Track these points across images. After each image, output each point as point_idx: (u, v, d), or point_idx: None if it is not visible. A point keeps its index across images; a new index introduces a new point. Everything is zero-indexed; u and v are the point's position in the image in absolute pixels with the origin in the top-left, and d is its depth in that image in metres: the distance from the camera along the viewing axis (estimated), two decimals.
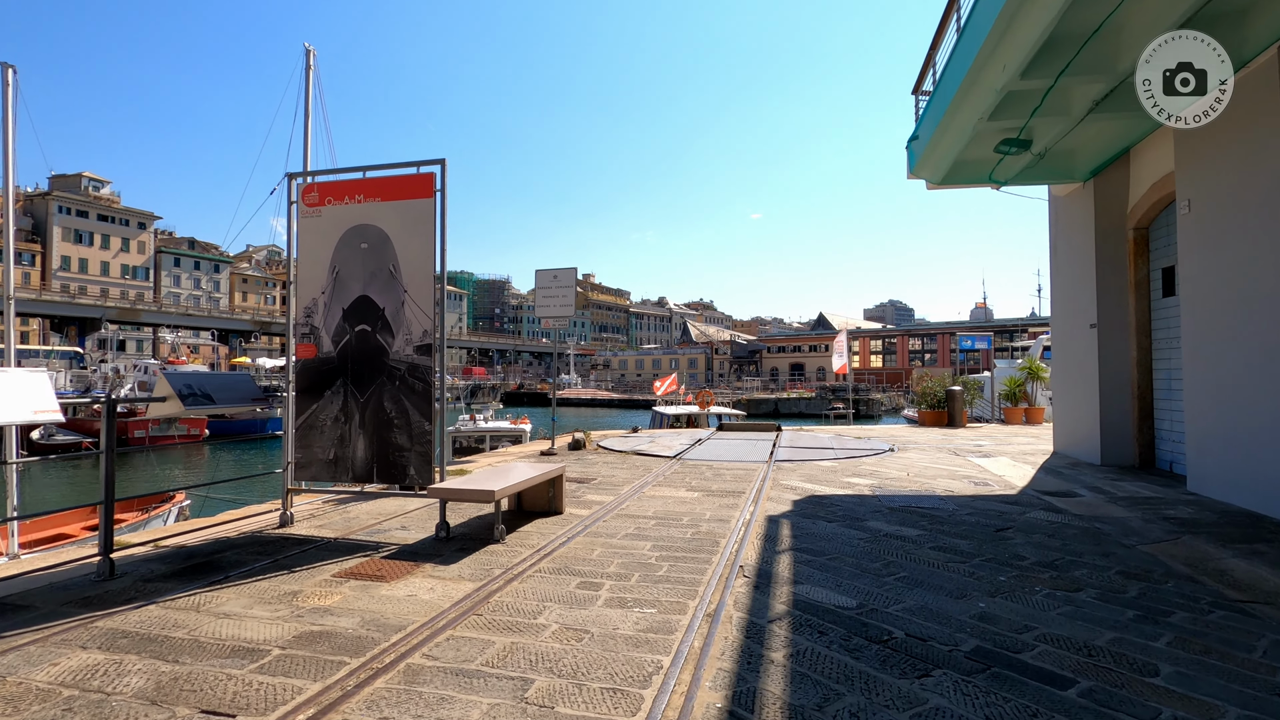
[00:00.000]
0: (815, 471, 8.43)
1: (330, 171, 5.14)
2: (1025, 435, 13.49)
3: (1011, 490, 7.28)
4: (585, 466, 8.74)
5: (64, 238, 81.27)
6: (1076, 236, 9.74)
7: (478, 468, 8.52)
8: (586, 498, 6.51)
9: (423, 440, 4.82)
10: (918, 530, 5.33)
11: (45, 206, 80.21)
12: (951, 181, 9.60)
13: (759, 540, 4.91)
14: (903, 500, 6.62)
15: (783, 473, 8.32)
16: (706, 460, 9.43)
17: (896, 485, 7.47)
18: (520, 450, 10.92)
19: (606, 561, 4.27)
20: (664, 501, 6.34)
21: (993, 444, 11.84)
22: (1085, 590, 3.91)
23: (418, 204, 4.90)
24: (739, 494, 6.80)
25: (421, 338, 4.86)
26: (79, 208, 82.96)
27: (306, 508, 5.85)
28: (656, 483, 7.48)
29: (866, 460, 9.55)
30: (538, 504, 5.72)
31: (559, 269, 11.00)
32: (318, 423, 5.04)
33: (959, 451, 10.70)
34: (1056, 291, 10.57)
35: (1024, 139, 8.22)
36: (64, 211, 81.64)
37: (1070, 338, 10.05)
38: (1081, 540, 5.08)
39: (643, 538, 4.92)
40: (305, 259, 5.13)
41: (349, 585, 3.72)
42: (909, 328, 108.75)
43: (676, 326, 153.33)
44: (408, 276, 4.90)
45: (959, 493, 7.09)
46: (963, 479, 7.96)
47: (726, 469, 8.59)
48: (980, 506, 6.34)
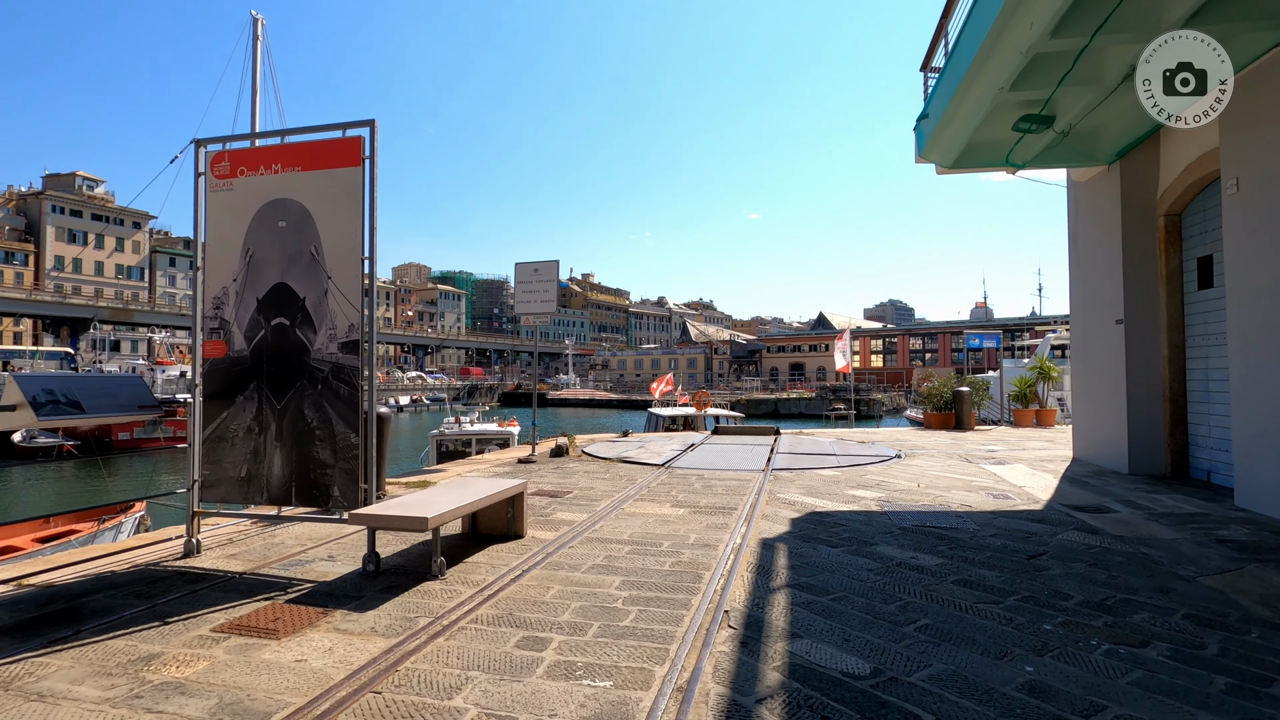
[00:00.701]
0: (816, 482, 7.65)
1: (244, 137, 4.36)
2: (1039, 439, 12.71)
3: (1035, 504, 6.50)
4: (563, 477, 7.96)
5: (58, 237, 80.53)
6: (1100, 225, 8.96)
7: (445, 478, 7.75)
8: (556, 516, 5.73)
9: (348, 455, 4.04)
10: (936, 558, 4.55)
11: (39, 206, 79.48)
12: (964, 164, 8.81)
13: (750, 573, 4.13)
14: (915, 518, 5.84)
15: (780, 484, 7.54)
16: (697, 469, 8.65)
17: (907, 499, 6.69)
18: (496, 458, 10.14)
19: (561, 606, 3.49)
20: (644, 521, 5.56)
21: (1006, 449, 11.06)
22: (1153, 644, 3.13)
23: (343, 174, 4.12)
24: (730, 511, 6.01)
25: (348, 333, 4.08)
26: (73, 207, 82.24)
27: (225, 531, 5.06)
28: (639, 496, 6.70)
29: (872, 469, 8.77)
30: (495, 526, 4.95)
31: (540, 262, 10.22)
32: (228, 434, 4.27)
33: (971, 458, 9.92)
34: (1077, 286, 9.78)
35: (1046, 115, 7.44)
36: (57, 211, 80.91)
37: (1093, 335, 9.27)
38: (1130, 570, 4.30)
39: (612, 570, 4.14)
40: (215, 240, 4.36)
41: (226, 645, 2.94)
42: (909, 327, 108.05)
43: (676, 326, 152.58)
44: (332, 260, 4.13)
45: (977, 508, 6.31)
46: (979, 491, 7.19)
47: (718, 479, 7.80)
48: (1004, 525, 5.56)
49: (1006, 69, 6.16)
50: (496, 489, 4.65)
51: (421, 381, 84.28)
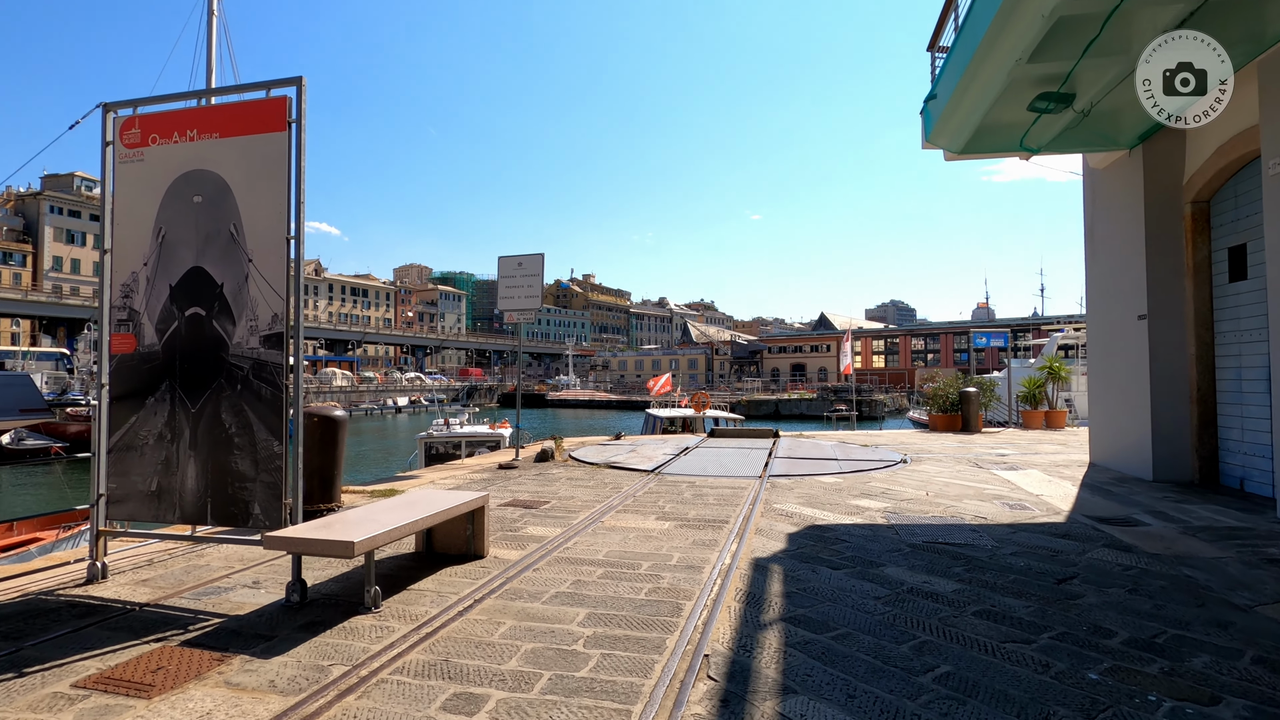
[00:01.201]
0: (816, 491, 7.07)
1: (157, 100, 3.79)
2: (1051, 442, 12.11)
3: (1057, 516, 5.92)
4: (543, 484, 7.39)
5: (56, 238, 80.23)
6: (1119, 214, 8.38)
7: (417, 485, 7.18)
8: (526, 531, 5.16)
9: (271, 466, 3.47)
10: (952, 582, 3.97)
11: (37, 206, 79.16)
12: (975, 149, 8.23)
13: (738, 603, 3.56)
14: (926, 532, 5.26)
15: (777, 492, 6.96)
16: (689, 475, 8.07)
17: (915, 510, 6.11)
18: (478, 462, 9.57)
19: (510, 648, 2.92)
20: (623, 537, 4.98)
21: (1017, 453, 10.47)
22: (1226, 700, 2.55)
23: (266, 140, 3.55)
24: (721, 524, 5.44)
25: (270, 324, 3.52)
26: (71, 207, 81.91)
27: (148, 550, 4.48)
28: (622, 507, 6.12)
29: (876, 475, 8.19)
30: (453, 545, 4.38)
31: (524, 255, 9.66)
32: (137, 441, 3.70)
33: (981, 463, 9.34)
34: (1094, 280, 9.20)
35: (1065, 92, 6.87)
36: (56, 211, 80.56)
37: (1111, 332, 8.69)
38: (1176, 598, 3.73)
39: (578, 600, 3.57)
40: (124, 219, 3.80)
41: (80, 707, 2.37)
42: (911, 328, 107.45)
43: (677, 327, 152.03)
44: (253, 241, 3.56)
45: (993, 520, 5.73)
46: (993, 500, 6.61)
47: (711, 487, 7.23)
48: (1025, 541, 4.98)
49: (1026, 37, 5.59)
50: (452, 503, 4.09)
51: (420, 382, 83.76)
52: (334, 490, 5.40)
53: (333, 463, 5.37)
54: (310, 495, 5.34)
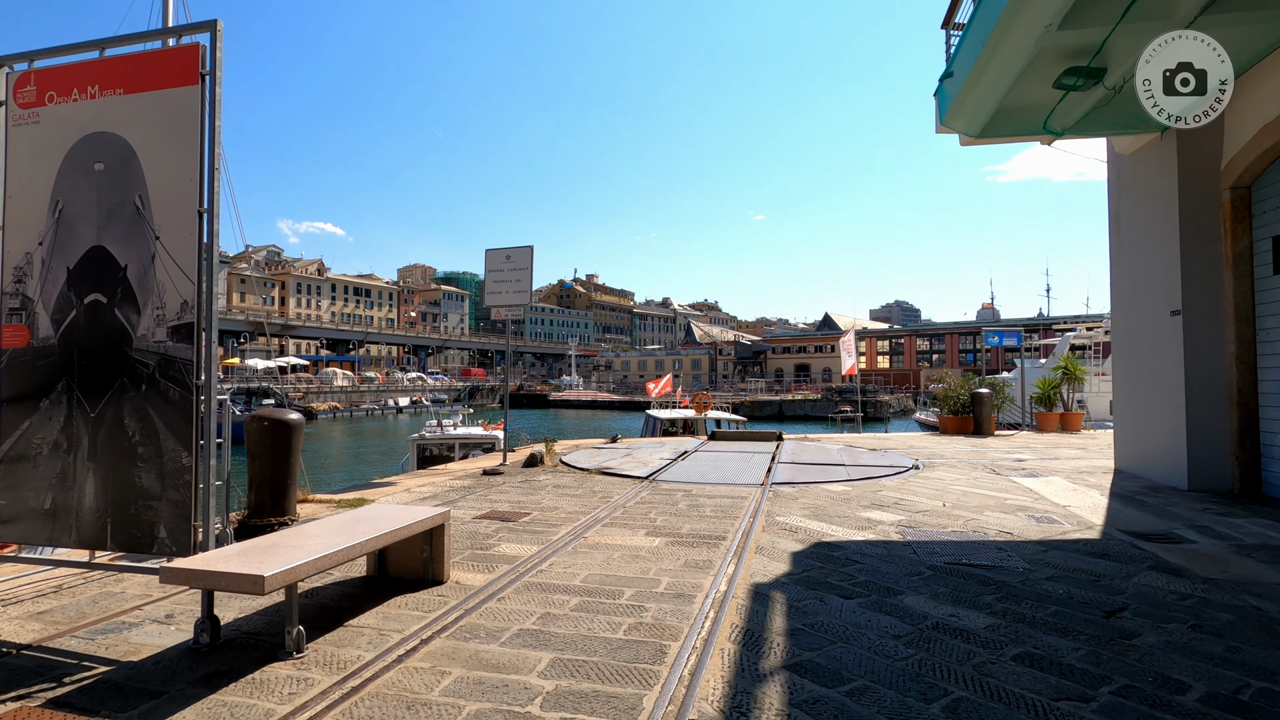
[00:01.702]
0: (823, 501, 6.51)
1: (55, 51, 3.24)
2: (1069, 447, 11.51)
3: (1089, 531, 5.34)
4: (526, 493, 6.84)
5: None
6: (1150, 202, 7.80)
7: (391, 493, 6.64)
8: (499, 549, 4.60)
9: (179, 482, 2.93)
10: (984, 615, 3.41)
11: None
12: (994, 133, 7.66)
13: (734, 645, 3.00)
14: (947, 551, 4.69)
15: (781, 502, 6.40)
16: (686, 483, 7.51)
17: (933, 523, 5.54)
18: (461, 468, 9.01)
19: (448, 711, 2.37)
20: (606, 557, 4.43)
21: (1035, 458, 9.88)
22: None
23: (175, 96, 3.01)
24: (717, 541, 4.88)
25: (180, 313, 2.98)
26: None
27: (58, 575, 3.93)
28: (610, 520, 5.57)
29: (887, 482, 7.62)
30: (409, 568, 3.83)
31: (512, 248, 9.11)
32: (30, 451, 3.17)
33: (998, 469, 8.76)
34: (1121, 274, 8.61)
35: (1096, 66, 6.29)
36: None
37: (1139, 330, 8.10)
38: (1250, 637, 3.16)
39: (544, 640, 3.01)
40: (17, 190, 3.26)
41: None
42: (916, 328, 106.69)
43: (680, 327, 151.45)
44: (161, 215, 3.02)
45: (1020, 535, 5.16)
46: (1016, 512, 6.04)
47: (708, 497, 6.67)
48: (1060, 562, 4.41)
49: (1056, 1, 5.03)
50: (404, 522, 3.53)
51: (422, 382, 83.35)
52: (287, 502, 4.86)
53: (285, 471, 4.82)
54: (260, 508, 4.80)
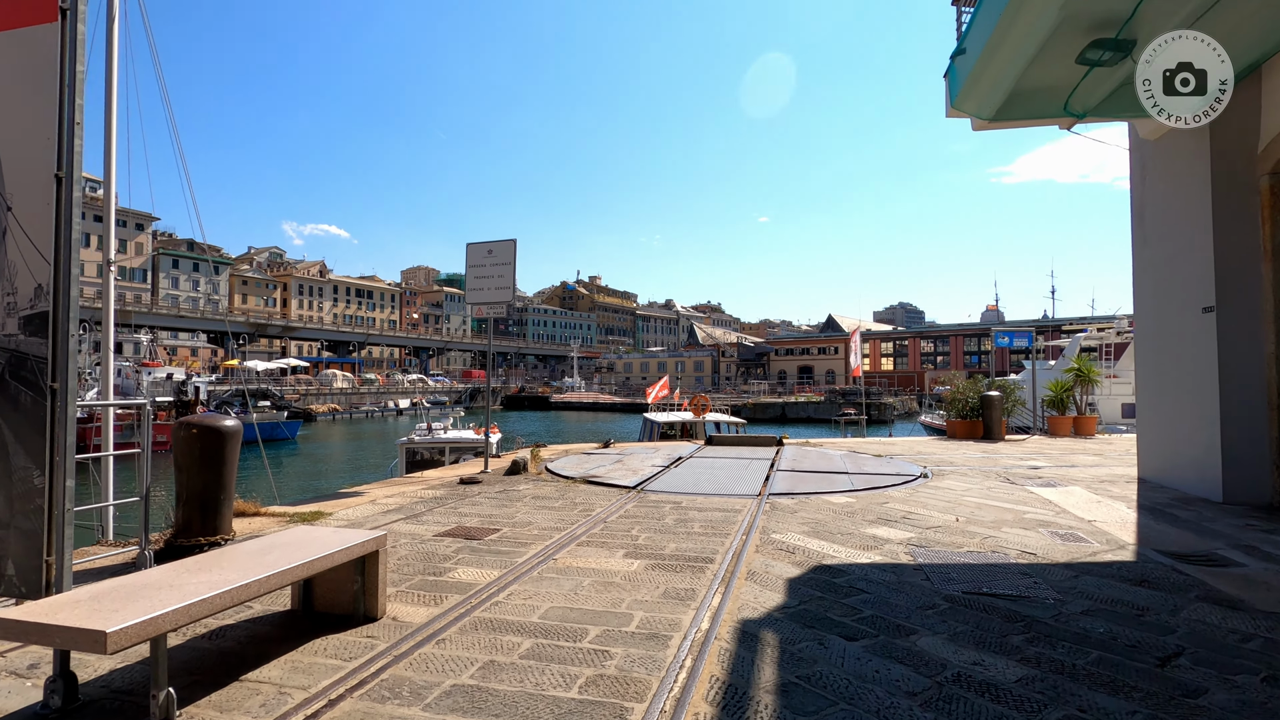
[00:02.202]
0: (824, 515, 5.94)
1: None
2: (1085, 453, 10.92)
3: (1122, 551, 4.77)
4: (500, 505, 6.29)
5: None
6: (1179, 191, 7.22)
7: (358, 504, 6.10)
8: (453, 575, 4.05)
9: (30, 508, 2.39)
10: (1015, 663, 2.85)
11: None
12: (1009, 115, 7.10)
13: (711, 708, 2.44)
14: (964, 576, 4.13)
15: (778, 517, 5.83)
16: (675, 494, 6.95)
17: (946, 542, 4.97)
18: (439, 475, 8.46)
19: None
20: (575, 585, 3.88)
21: (1051, 465, 9.30)
22: None
23: (28, 37, 2.48)
24: (703, 565, 4.32)
25: (33, 301, 2.44)
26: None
27: None
28: (587, 538, 5.02)
29: (894, 493, 7.05)
30: (338, 602, 3.28)
31: (494, 242, 8.58)
32: None
33: (1012, 477, 8.18)
34: (1145, 269, 8.03)
35: (1124, 38, 5.74)
36: None
37: (1166, 329, 7.52)
38: None
39: (479, 702, 2.46)
40: None
41: None
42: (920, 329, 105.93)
43: (683, 329, 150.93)
44: (14, 181, 2.49)
45: (1045, 556, 4.60)
46: (1037, 527, 5.47)
47: (699, 510, 6.11)
48: (1095, 591, 3.85)
49: None
50: (325, 550, 2.99)
51: (423, 384, 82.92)
52: (219, 520, 4.32)
53: (217, 485, 4.29)
54: (188, 526, 4.27)
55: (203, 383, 41.36)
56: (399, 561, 4.28)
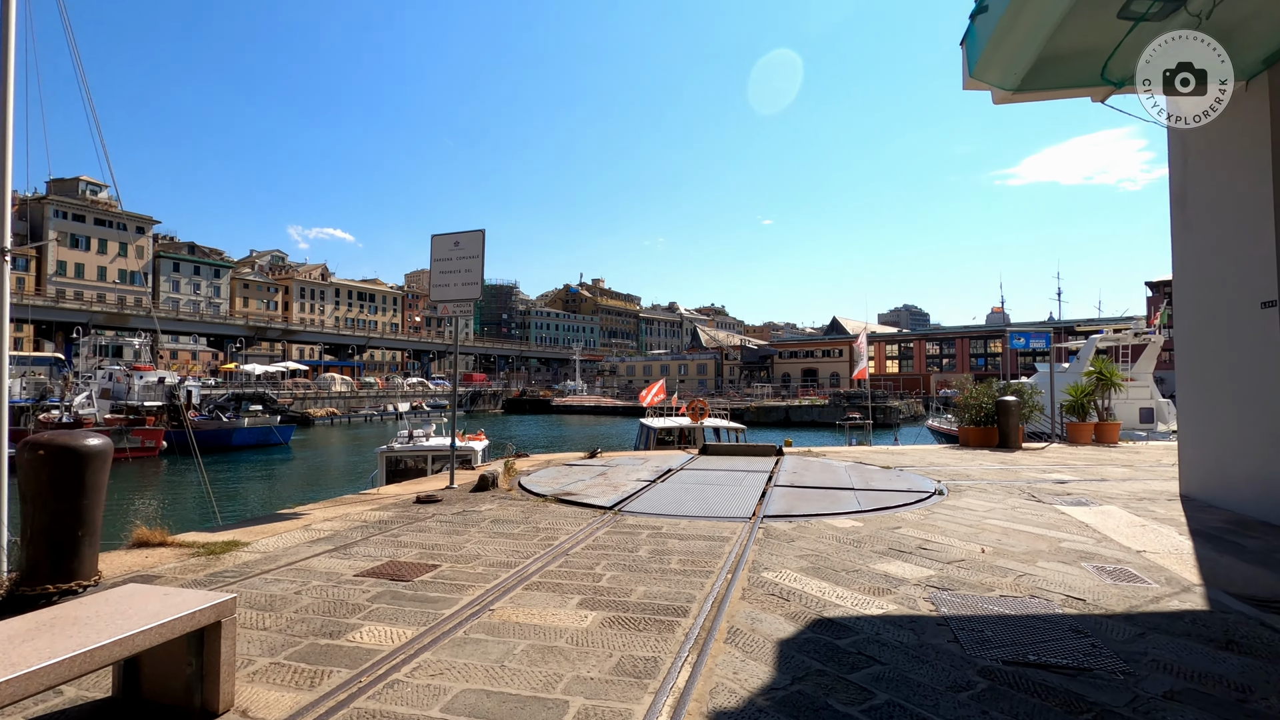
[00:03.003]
0: (826, 544, 5.09)
1: None
2: (1112, 464, 10.03)
3: (1189, 594, 3.91)
4: (450, 533, 5.44)
5: (60, 242, 79.83)
6: (1229, 169, 6.36)
7: (289, 529, 5.27)
8: (354, 637, 3.21)
9: None
10: None
11: (41, 211, 78.74)
12: (1037, 84, 6.25)
13: None
14: (1000, 633, 3.27)
15: (772, 548, 4.98)
16: (657, 515, 6.10)
17: (974, 582, 4.12)
18: (400, 491, 7.61)
19: None
20: (507, 650, 3.04)
21: (1078, 479, 8.42)
22: None
23: None
24: (674, 619, 3.47)
25: None
26: (76, 212, 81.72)
27: None
28: (540, 578, 4.17)
29: (907, 515, 6.19)
30: (171, 688, 2.45)
31: (461, 233, 7.76)
32: None
33: (1037, 494, 7.31)
34: (1188, 260, 7.16)
35: None
36: (60, 216, 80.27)
37: (1213, 326, 6.65)
38: None
39: None
40: None
41: None
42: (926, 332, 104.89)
43: (687, 332, 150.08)
44: None
45: (1097, 602, 3.74)
46: (1079, 561, 4.61)
47: (680, 538, 5.26)
48: (1169, 658, 2.99)
49: None
50: (152, 620, 2.16)
51: (423, 388, 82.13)
52: (77, 562, 3.49)
53: (74, 518, 3.46)
54: (35, 570, 3.44)
55: (195, 386, 40.61)
56: (294, 616, 3.44)
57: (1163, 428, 20.03)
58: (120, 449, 30.12)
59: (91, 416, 30.09)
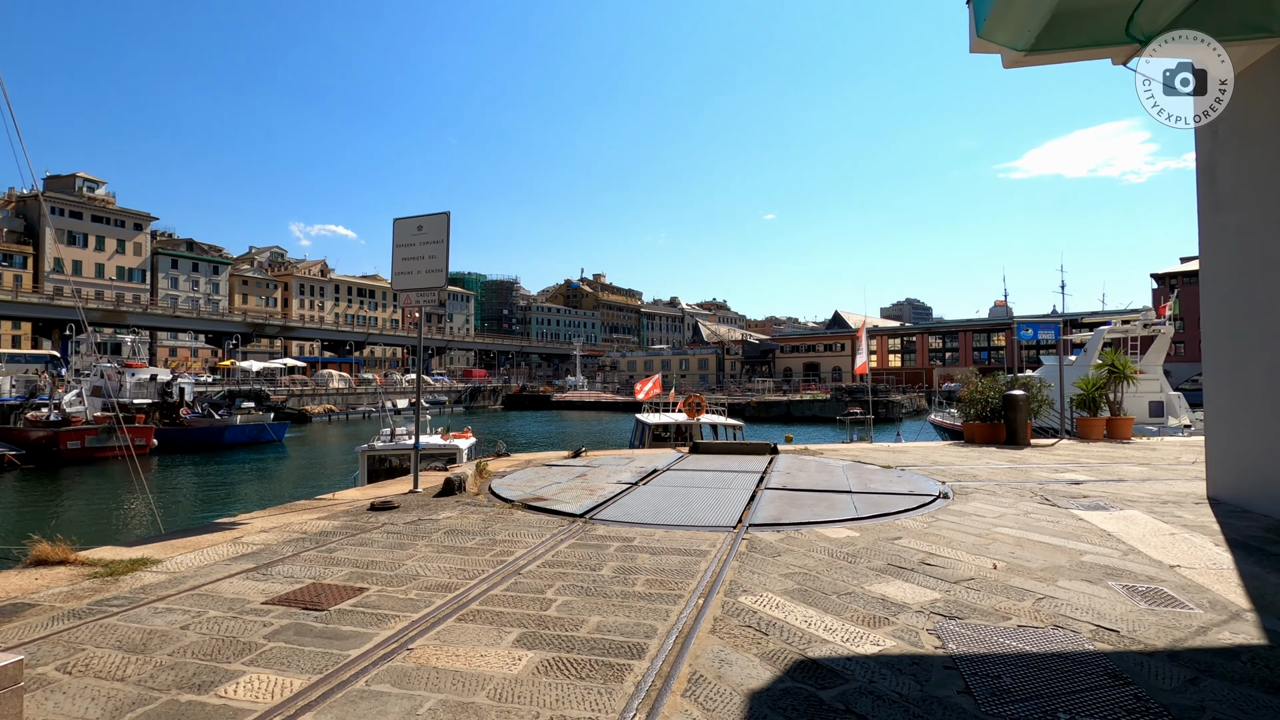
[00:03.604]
0: (816, 559, 4.49)
1: None
2: (1128, 462, 9.42)
3: (1239, 623, 3.31)
4: (394, 547, 4.85)
5: (57, 239, 79.40)
6: (1269, 139, 5.73)
7: (217, 542, 4.69)
8: (221, 692, 2.62)
9: None
10: None
11: (38, 208, 78.19)
12: (1052, 43, 5.61)
13: None
14: (1022, 680, 2.67)
15: (755, 563, 4.39)
16: (630, 524, 5.51)
17: (986, 607, 3.51)
18: (354, 497, 7.00)
19: None
20: (404, 712, 2.44)
21: (1093, 479, 7.81)
22: None
23: None
24: (627, 662, 2.88)
25: None
26: (73, 209, 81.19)
27: None
28: (479, 606, 3.58)
29: (908, 522, 5.59)
30: None
31: (424, 216, 7.16)
32: None
33: (1051, 496, 6.71)
34: (1215, 240, 6.53)
35: None
36: (57, 213, 79.73)
37: (1249, 312, 6.03)
38: None
39: None
40: None
41: None
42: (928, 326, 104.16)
43: (688, 327, 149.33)
44: None
45: (1133, 635, 3.14)
46: (1106, 578, 4.01)
47: (652, 551, 4.67)
48: (1233, 714, 2.39)
49: None
50: None
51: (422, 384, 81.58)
52: None
53: None
54: None
55: (188, 383, 40.14)
56: (167, 660, 2.85)
57: (1174, 422, 19.38)
58: (108, 447, 29.58)
59: (80, 415, 29.56)
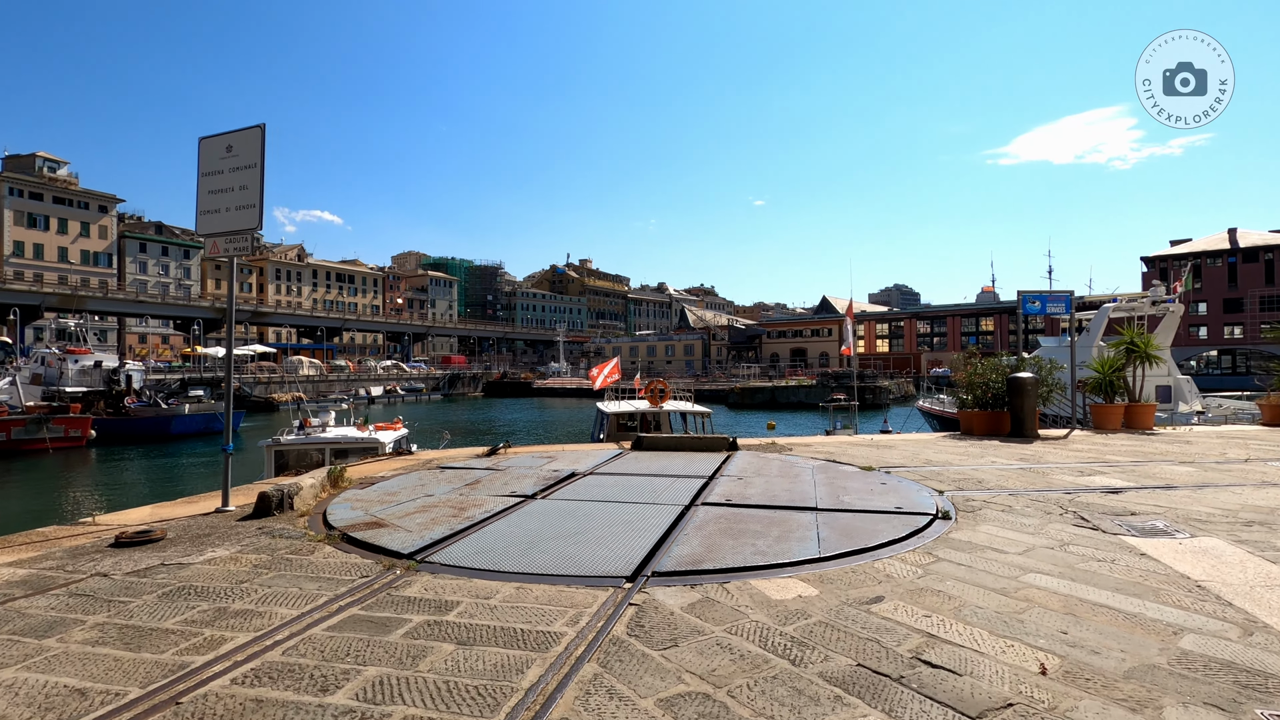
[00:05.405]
0: (732, 661, 2.63)
1: None
2: (1164, 458, 7.64)
3: None
4: (42, 630, 2.98)
5: (16, 222, 76.07)
6: None
7: None
8: None
9: None
10: None
11: None
12: None
13: None
14: None
15: (626, 665, 2.52)
16: (469, 574, 3.63)
17: None
18: (126, 519, 5.03)
19: None
20: None
21: (1131, 484, 6.02)
22: None
23: None
24: None
25: None
26: (33, 189, 77.82)
27: None
28: None
29: (893, 567, 3.73)
30: None
31: (233, 132, 5.19)
32: None
33: (1086, 513, 4.89)
34: None
35: None
36: (16, 194, 76.37)
37: None
38: None
39: None
40: None
41: None
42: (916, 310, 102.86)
43: (676, 313, 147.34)
44: None
45: None
46: (1243, 698, 2.18)
47: (466, 634, 2.80)
48: None
49: None
50: None
51: (398, 371, 79.08)
52: None
53: None
54: None
55: (137, 370, 37.82)
56: None
57: (1184, 408, 17.76)
58: (37, 439, 27.38)
59: (4, 405, 27.30)
